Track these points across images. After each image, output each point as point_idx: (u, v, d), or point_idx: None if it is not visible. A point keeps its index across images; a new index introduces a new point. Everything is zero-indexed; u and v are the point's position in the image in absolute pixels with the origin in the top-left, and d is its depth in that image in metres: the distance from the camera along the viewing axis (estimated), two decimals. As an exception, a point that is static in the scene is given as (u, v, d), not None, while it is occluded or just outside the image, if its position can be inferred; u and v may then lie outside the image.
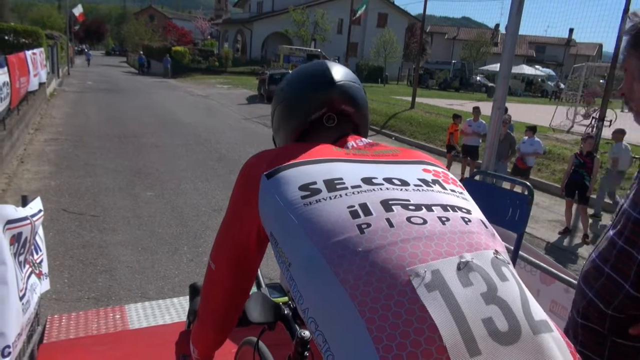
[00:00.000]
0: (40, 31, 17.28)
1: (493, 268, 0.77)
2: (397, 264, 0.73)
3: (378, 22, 41.95)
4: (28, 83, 10.51)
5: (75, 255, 4.77)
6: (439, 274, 0.72)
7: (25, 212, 2.30)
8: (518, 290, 0.76)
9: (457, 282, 0.71)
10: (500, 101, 2.43)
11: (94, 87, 22.50)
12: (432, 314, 0.67)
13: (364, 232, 0.78)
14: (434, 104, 21.24)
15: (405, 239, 0.77)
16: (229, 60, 37.36)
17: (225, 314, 1.11)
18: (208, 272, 1.07)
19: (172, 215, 6.08)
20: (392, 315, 0.68)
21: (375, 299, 0.70)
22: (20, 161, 8.21)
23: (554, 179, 9.74)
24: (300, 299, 0.79)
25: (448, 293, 0.70)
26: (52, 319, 3.36)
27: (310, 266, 0.78)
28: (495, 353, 0.67)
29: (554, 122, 15.60)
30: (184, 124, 13.37)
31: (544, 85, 36.91)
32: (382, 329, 0.67)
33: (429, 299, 0.68)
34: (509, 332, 0.69)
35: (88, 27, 65.68)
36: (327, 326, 0.73)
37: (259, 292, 1.34)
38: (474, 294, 0.71)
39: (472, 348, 0.66)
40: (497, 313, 0.70)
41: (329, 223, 0.80)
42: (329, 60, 1.18)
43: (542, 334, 0.72)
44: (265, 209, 0.90)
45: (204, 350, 1.23)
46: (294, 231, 0.83)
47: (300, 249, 0.81)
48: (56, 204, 6.13)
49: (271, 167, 0.93)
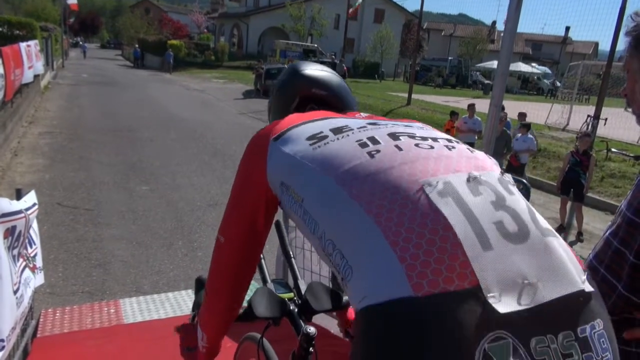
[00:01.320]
0: (35, 23, 17.14)
1: (500, 184, 0.81)
2: (409, 178, 0.77)
3: (375, 18, 41.87)
4: (22, 75, 10.42)
5: (69, 249, 4.75)
6: (450, 184, 0.76)
7: (20, 206, 2.28)
8: (524, 202, 0.81)
9: (467, 191, 0.76)
10: (497, 99, 2.43)
11: (89, 80, 22.36)
12: (445, 214, 0.71)
13: (374, 157, 0.82)
14: (430, 100, 21.25)
15: (414, 159, 0.81)
16: (225, 54, 37.22)
17: (235, 288, 1.12)
18: (217, 246, 1.08)
19: (167, 210, 6.06)
20: (408, 220, 0.71)
21: (390, 209, 0.73)
22: (14, 154, 8.16)
23: (549, 176, 9.78)
24: (315, 228, 0.82)
25: (459, 199, 0.74)
26: (46, 312, 3.35)
27: (324, 194, 0.81)
28: (506, 249, 0.71)
29: (549, 120, 15.64)
30: (180, 119, 13.31)
31: (540, 83, 36.98)
32: (398, 234, 0.70)
33: (442, 203, 0.72)
34: (518, 233, 0.73)
35: (83, 20, 65.19)
36: (345, 243, 0.76)
37: (265, 287, 1.34)
38: (484, 201, 0.75)
39: (484, 243, 0.70)
40: (507, 217, 0.75)
41: (338, 156, 0.84)
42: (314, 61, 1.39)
43: (549, 237, 0.77)
44: (274, 168, 0.93)
45: (213, 332, 1.22)
46: (304, 171, 0.86)
47: (312, 183, 0.84)
48: (50, 197, 6.10)
49: (278, 132, 0.97)
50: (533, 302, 0.69)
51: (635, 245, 1.16)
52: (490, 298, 0.66)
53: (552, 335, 0.68)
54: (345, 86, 1.29)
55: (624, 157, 10.57)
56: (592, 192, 8.50)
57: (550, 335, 0.68)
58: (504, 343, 0.65)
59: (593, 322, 0.73)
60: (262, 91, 20.69)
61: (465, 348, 0.63)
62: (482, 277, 0.67)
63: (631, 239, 1.17)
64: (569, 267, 0.75)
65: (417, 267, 0.67)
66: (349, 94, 1.28)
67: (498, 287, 0.68)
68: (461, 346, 0.63)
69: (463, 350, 0.63)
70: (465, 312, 0.65)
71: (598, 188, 9.01)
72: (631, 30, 1.16)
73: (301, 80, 1.25)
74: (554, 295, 0.70)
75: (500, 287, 0.68)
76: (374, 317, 0.69)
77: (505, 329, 0.66)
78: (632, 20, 1.16)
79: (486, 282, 0.67)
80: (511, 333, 0.66)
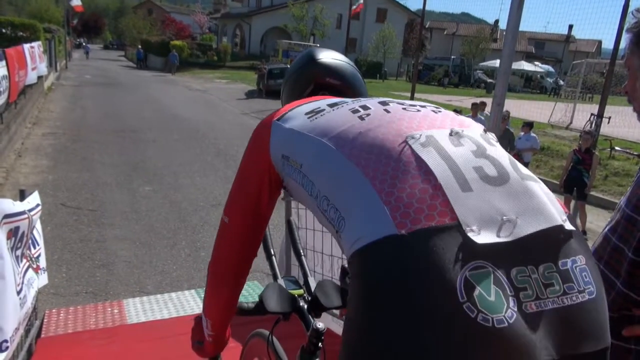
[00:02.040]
0: (38, 25, 17.24)
1: (482, 138, 0.87)
2: (395, 133, 0.84)
3: (377, 18, 41.83)
4: (26, 76, 10.45)
5: (73, 250, 4.76)
6: (432, 137, 0.82)
7: (23, 207, 2.29)
8: (506, 153, 0.87)
9: (448, 143, 0.82)
10: (500, 97, 2.43)
11: (92, 81, 22.42)
12: (427, 161, 0.77)
13: (364, 119, 0.89)
14: (433, 99, 21.23)
15: (401, 119, 0.88)
16: (227, 54, 37.24)
17: (237, 270, 1.14)
18: (222, 227, 1.10)
19: (170, 210, 6.07)
20: (392, 169, 0.78)
21: (377, 161, 0.79)
22: (17, 155, 8.19)
23: (552, 175, 9.76)
24: (312, 189, 0.88)
25: (441, 148, 0.80)
26: (50, 313, 3.36)
27: (319, 156, 0.87)
28: (485, 191, 0.76)
29: (552, 118, 15.60)
30: (182, 119, 13.34)
31: (543, 81, 36.89)
32: (383, 182, 0.77)
33: (423, 152, 0.79)
34: (497, 177, 0.78)
35: (86, 21, 65.33)
36: (338, 196, 0.82)
37: (275, 283, 1.37)
38: (464, 150, 0.81)
39: (464, 185, 0.75)
40: (487, 163, 0.80)
41: (333, 122, 0.91)
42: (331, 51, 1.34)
43: (529, 181, 0.81)
44: (276, 144, 0.98)
45: (217, 317, 1.23)
46: (302, 140, 0.92)
47: (309, 148, 0.90)
48: (54, 198, 6.12)
49: (281, 113, 1.03)
50: (512, 235, 0.73)
51: (634, 242, 1.16)
52: (469, 232, 0.71)
53: (533, 266, 0.72)
54: (359, 77, 1.32)
55: (627, 156, 10.53)
56: (596, 190, 8.47)
57: (531, 267, 0.72)
58: (484, 271, 0.69)
59: (574, 257, 0.76)
60: (265, 91, 20.70)
61: (447, 276, 0.67)
62: (461, 214, 0.72)
63: (630, 235, 1.17)
64: (549, 206, 0.78)
65: (401, 208, 0.73)
66: (362, 85, 1.32)
67: (477, 223, 0.72)
68: (443, 274, 0.67)
69: (445, 278, 0.67)
70: (446, 244, 0.69)
71: (602, 186, 8.98)
72: (632, 26, 1.15)
73: (316, 68, 1.27)
74: (533, 229, 0.74)
75: (479, 223, 0.72)
76: (364, 257, 0.74)
77: (485, 259, 0.70)
78: (633, 16, 1.15)
79: (465, 218, 0.72)
80: (491, 263, 0.70)
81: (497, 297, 0.68)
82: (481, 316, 0.65)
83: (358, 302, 0.74)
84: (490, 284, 0.68)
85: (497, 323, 0.66)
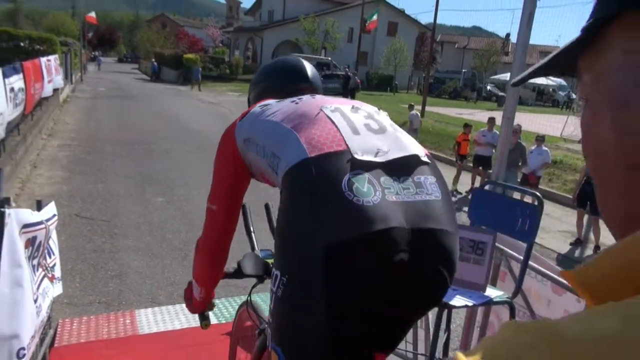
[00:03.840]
0: (55, 38, 17.54)
1: (374, 112, 1.30)
2: (315, 105, 1.25)
3: (388, 31, 42.03)
4: (42, 89, 10.66)
5: (86, 260, 4.82)
6: (339, 108, 1.25)
7: (40, 217, 2.34)
8: (388, 118, 1.31)
9: (349, 111, 1.24)
10: (510, 111, 2.44)
11: (106, 93, 22.75)
12: (332, 118, 1.19)
13: (297, 103, 1.29)
14: (444, 112, 21.22)
15: (321, 100, 1.30)
16: (239, 67, 37.60)
17: (224, 243, 1.47)
18: (209, 213, 1.43)
19: (182, 222, 6.12)
20: (311, 124, 1.18)
21: (302, 122, 1.19)
22: (33, 166, 8.32)
23: (565, 189, 9.67)
24: (264, 151, 1.23)
25: (343, 113, 1.22)
26: (64, 322, 3.40)
27: (267, 128, 1.25)
28: (369, 135, 1.17)
29: (565, 132, 15.51)
30: (195, 131, 13.46)
31: (555, 95, 36.69)
32: (305, 132, 1.15)
33: (331, 114, 1.21)
34: (378, 129, 1.20)
35: (101, 34, 66.60)
36: (277, 147, 1.19)
37: (252, 253, 1.68)
38: (358, 115, 1.23)
39: (354, 131, 1.16)
40: (372, 122, 1.22)
41: (276, 108, 1.30)
42: (300, 57, 1.70)
43: (400, 132, 1.24)
44: (240, 136, 1.34)
45: (208, 284, 1.58)
46: (256, 123, 1.31)
47: (260, 126, 1.29)
48: (68, 208, 6.20)
49: (242, 116, 1.40)
50: (383, 158, 1.12)
51: None
52: (354, 154, 1.09)
53: (396, 177, 1.10)
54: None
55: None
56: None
57: (394, 177, 1.10)
58: (361, 176, 1.06)
59: (427, 176, 1.14)
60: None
61: (336, 177, 1.05)
62: (351, 145, 1.11)
63: None
64: (411, 144, 1.20)
65: (312, 143, 1.12)
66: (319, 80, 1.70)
67: (361, 151, 1.11)
68: (334, 176, 1.06)
69: (335, 178, 1.05)
70: (338, 161, 1.08)
71: (615, 201, 8.87)
72: None
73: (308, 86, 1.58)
74: (398, 155, 1.14)
75: (362, 151, 1.11)
76: (289, 174, 1.12)
77: (363, 169, 1.07)
78: None
79: (353, 147, 1.11)
80: (367, 172, 1.07)
81: (368, 189, 1.04)
82: (356, 198, 1.02)
83: (284, 199, 1.12)
84: (364, 182, 1.05)
85: (366, 202, 1.02)
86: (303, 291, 1.06)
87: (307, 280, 1.04)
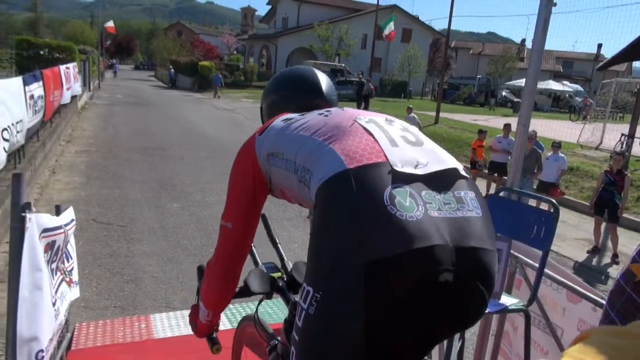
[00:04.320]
0: (74, 46, 17.86)
1: (407, 124, 1.26)
2: (348, 117, 1.21)
3: (402, 37, 41.99)
4: (61, 96, 10.86)
5: (103, 264, 4.88)
6: (373, 119, 1.21)
7: (59, 221, 2.38)
8: (421, 134, 1.24)
9: (384, 122, 1.21)
10: (525, 117, 2.42)
11: (123, 100, 23.08)
12: (369, 129, 1.15)
13: (327, 116, 1.24)
14: (458, 119, 21.10)
15: (353, 112, 1.26)
16: (254, 74, 37.86)
17: (237, 265, 1.41)
18: (223, 231, 1.37)
19: (197, 227, 6.17)
20: (344, 135, 1.13)
21: (335, 134, 1.15)
22: (52, 172, 8.47)
23: (581, 196, 9.55)
24: (293, 166, 1.18)
25: (379, 124, 1.18)
26: (80, 326, 3.45)
27: (296, 142, 1.19)
28: (407, 148, 1.12)
29: (581, 138, 15.32)
30: (210, 137, 13.58)
31: (572, 101, 36.27)
32: (340, 144, 1.10)
33: (367, 125, 1.16)
34: (416, 142, 1.16)
35: (119, 43, 67.62)
36: (310, 161, 1.13)
37: (257, 269, 1.62)
38: (394, 127, 1.20)
39: (392, 142, 1.12)
40: (409, 134, 1.18)
41: (305, 121, 1.25)
42: (313, 68, 1.62)
43: (437, 146, 1.19)
44: (261, 151, 1.28)
45: (218, 307, 1.51)
46: (283, 137, 1.25)
47: (288, 140, 1.22)
48: (86, 213, 6.29)
49: (262, 130, 1.33)
50: (423, 171, 1.07)
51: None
52: (394, 166, 1.05)
53: (437, 192, 1.05)
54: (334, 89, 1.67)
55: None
56: (628, 212, 8.25)
57: (435, 191, 1.05)
58: (403, 189, 1.01)
59: (466, 191, 1.10)
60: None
61: (377, 190, 1.00)
62: (390, 157, 1.07)
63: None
64: (449, 157, 1.16)
65: (349, 154, 1.07)
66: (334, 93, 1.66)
67: (400, 163, 1.06)
68: (375, 189, 1.01)
69: (376, 191, 1.00)
70: (378, 172, 1.03)
71: (634, 208, 8.74)
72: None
73: (323, 101, 1.53)
74: (437, 168, 1.09)
75: (402, 163, 1.06)
76: (325, 186, 1.06)
77: (404, 182, 1.03)
78: None
79: (392, 159, 1.06)
80: (408, 186, 1.03)
81: (410, 204, 1.00)
82: (399, 213, 0.97)
83: (320, 213, 1.06)
84: (406, 196, 1.01)
85: (409, 217, 0.98)
86: (340, 309, 1.00)
87: (345, 297, 0.99)
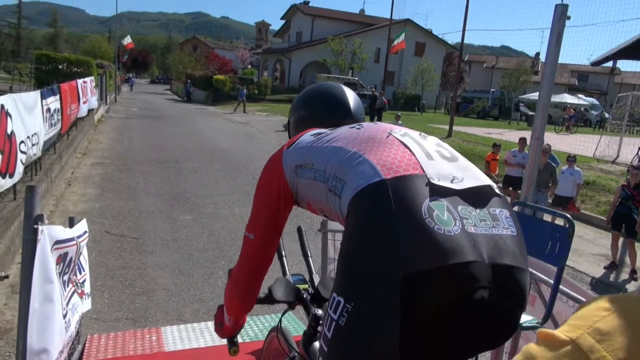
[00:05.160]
0: (92, 61, 18.23)
1: (440, 140, 1.24)
2: (382, 130, 1.21)
3: (415, 51, 42.13)
4: (78, 110, 11.05)
5: (115, 276, 4.90)
6: (408, 133, 1.21)
7: (72, 233, 2.40)
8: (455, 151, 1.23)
9: (418, 137, 1.20)
10: (539, 131, 2.40)
11: (139, 113, 23.39)
12: (404, 142, 1.14)
13: (359, 129, 1.24)
14: (472, 132, 21.00)
15: (386, 126, 1.26)
16: (268, 88, 38.17)
17: (259, 275, 1.42)
18: (246, 242, 1.38)
19: (209, 239, 6.18)
20: (380, 146, 1.13)
21: (370, 145, 1.14)
22: (67, 184, 8.58)
23: (598, 210, 9.39)
24: (323, 175, 1.17)
25: (414, 138, 1.18)
26: (92, 338, 3.44)
27: (329, 153, 1.19)
28: (442, 162, 1.11)
29: (597, 152, 15.12)
30: (223, 150, 13.68)
31: (587, 114, 35.90)
32: (375, 155, 1.10)
33: (402, 138, 1.16)
34: (450, 157, 1.15)
35: (135, 57, 68.77)
36: (343, 171, 1.12)
37: (283, 278, 1.64)
38: (429, 141, 1.19)
39: (428, 156, 1.11)
40: (444, 150, 1.18)
41: (336, 134, 1.25)
42: (342, 86, 1.63)
43: (470, 163, 1.17)
44: (289, 164, 1.29)
45: (240, 313, 1.56)
46: (312, 149, 1.25)
47: (319, 152, 1.22)
48: (99, 225, 6.35)
49: (289, 144, 1.34)
50: (459, 186, 1.06)
51: None
52: (431, 179, 1.03)
53: (472, 207, 1.04)
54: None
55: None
56: None
57: (471, 207, 1.04)
58: (440, 203, 1.00)
59: (501, 209, 1.08)
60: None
61: (415, 202, 0.99)
62: (427, 170, 1.05)
63: None
64: (483, 176, 1.15)
65: (386, 165, 1.06)
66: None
67: (437, 176, 1.05)
68: (413, 201, 0.99)
69: (414, 203, 0.99)
70: (415, 184, 1.02)
71: (653, 223, 8.56)
72: None
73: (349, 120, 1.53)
74: (473, 184, 1.08)
75: (439, 176, 1.05)
76: (360, 196, 1.05)
77: (442, 196, 1.02)
78: None
79: (429, 172, 1.05)
80: (445, 200, 1.02)
81: (448, 218, 0.98)
82: (437, 227, 0.96)
83: (353, 222, 1.05)
84: (444, 210, 0.99)
85: (447, 232, 0.96)
86: (374, 322, 0.98)
87: (380, 311, 0.96)
